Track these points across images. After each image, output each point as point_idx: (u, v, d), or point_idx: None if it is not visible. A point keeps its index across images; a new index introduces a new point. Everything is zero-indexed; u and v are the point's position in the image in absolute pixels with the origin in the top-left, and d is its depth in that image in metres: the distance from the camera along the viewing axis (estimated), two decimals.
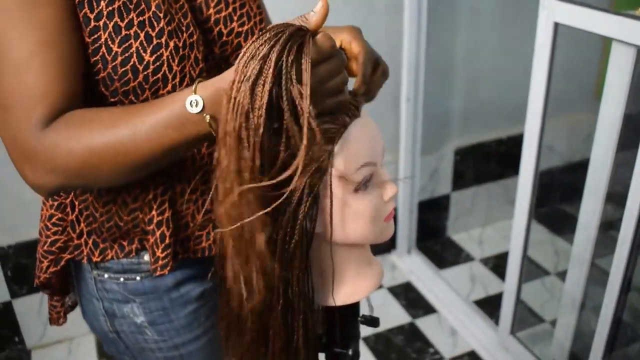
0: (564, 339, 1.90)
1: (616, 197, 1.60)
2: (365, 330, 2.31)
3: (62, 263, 0.98)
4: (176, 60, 0.82)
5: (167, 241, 0.91)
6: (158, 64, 0.81)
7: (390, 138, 2.48)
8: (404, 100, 2.41)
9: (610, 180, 1.60)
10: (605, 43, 2.34)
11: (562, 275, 2.32)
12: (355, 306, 0.87)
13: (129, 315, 1.00)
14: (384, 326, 2.34)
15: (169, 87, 0.83)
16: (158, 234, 0.91)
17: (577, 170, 1.77)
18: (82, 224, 0.95)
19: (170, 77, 0.82)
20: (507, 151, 2.76)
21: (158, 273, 0.92)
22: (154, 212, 0.91)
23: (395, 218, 2.69)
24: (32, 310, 2.22)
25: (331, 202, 0.72)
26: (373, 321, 0.88)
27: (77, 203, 0.94)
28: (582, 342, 1.86)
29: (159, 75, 0.82)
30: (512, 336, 2.10)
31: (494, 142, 2.75)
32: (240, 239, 0.70)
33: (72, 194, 0.94)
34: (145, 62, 0.81)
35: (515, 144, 2.57)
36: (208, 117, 0.70)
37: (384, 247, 2.73)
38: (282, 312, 0.75)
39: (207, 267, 1.01)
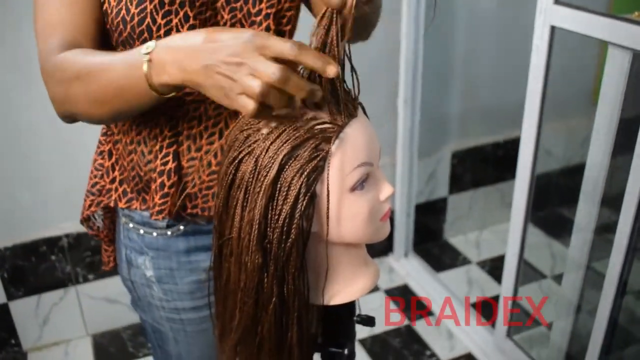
0: (560, 342, 1.91)
1: (612, 200, 1.60)
2: (362, 332, 2.31)
3: (102, 205, 1.08)
4: (160, 14, 0.89)
5: (165, 190, 0.98)
6: (142, 15, 0.89)
7: (388, 141, 2.48)
8: (402, 103, 2.41)
9: (606, 183, 1.61)
10: (602, 47, 2.35)
11: (558, 278, 2.33)
12: (350, 306, 0.87)
13: (141, 267, 1.07)
14: (381, 329, 2.35)
15: (155, 38, 0.87)
16: (159, 181, 0.98)
17: (574, 173, 1.77)
18: (116, 172, 1.06)
19: (154, 29, 0.91)
20: (505, 155, 2.76)
21: (153, 218, 0.99)
22: (158, 162, 0.98)
23: (392, 221, 2.70)
24: (28, 312, 2.22)
25: (328, 202, 0.72)
26: (369, 321, 0.88)
27: (114, 151, 1.06)
28: (578, 345, 1.86)
29: (143, 26, 0.90)
30: (508, 339, 2.10)
31: (491, 146, 2.75)
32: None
33: (111, 142, 1.05)
34: (131, 14, 0.89)
35: (512, 147, 2.58)
36: (147, 57, 0.75)
37: (382, 250, 2.73)
38: (276, 311, 0.75)
39: None
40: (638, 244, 1.54)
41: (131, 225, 1.06)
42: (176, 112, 0.97)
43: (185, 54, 0.72)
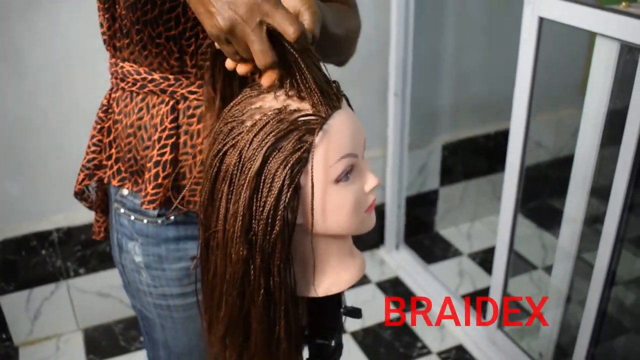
0: (551, 333, 1.92)
1: (602, 191, 1.61)
2: (354, 325, 2.32)
3: (96, 178, 1.10)
4: None
5: (159, 181, 0.99)
6: None
7: (379, 133, 2.48)
8: (392, 96, 2.41)
9: (595, 174, 1.61)
10: (591, 37, 2.35)
11: (549, 269, 2.34)
12: (337, 297, 0.87)
13: (130, 252, 1.09)
14: (372, 321, 2.35)
15: None
16: (153, 172, 0.99)
17: (564, 165, 1.78)
18: (113, 149, 1.06)
19: None
20: (496, 146, 2.77)
21: (144, 207, 0.99)
22: (155, 152, 0.98)
23: (383, 213, 2.70)
24: (19, 306, 2.21)
25: (312, 193, 0.72)
26: (355, 312, 0.88)
27: (112, 129, 1.06)
28: (568, 336, 1.87)
29: None
30: (499, 330, 2.11)
31: (482, 137, 2.76)
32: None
33: (111, 120, 1.05)
34: None
35: (503, 139, 2.57)
36: None
37: (373, 242, 2.74)
38: (263, 304, 0.75)
39: None
40: (626, 234, 1.55)
41: (122, 210, 1.08)
42: (177, 105, 0.98)
43: None
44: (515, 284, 2.38)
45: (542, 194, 2.93)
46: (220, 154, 0.73)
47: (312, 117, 0.71)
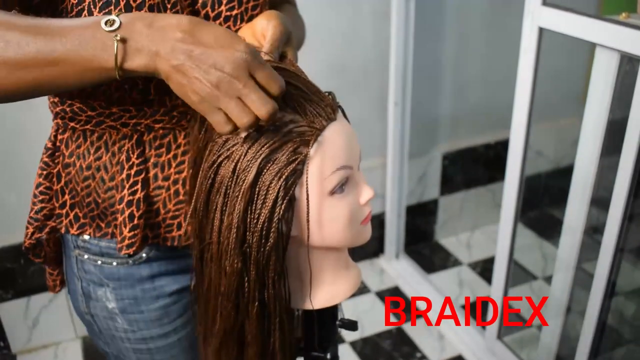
0: (550, 343, 1.91)
1: (602, 201, 1.60)
2: (352, 335, 2.31)
3: (47, 230, 1.00)
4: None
5: (135, 222, 0.91)
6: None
7: (378, 142, 2.48)
8: (392, 105, 2.41)
9: (595, 184, 1.61)
10: (592, 47, 2.35)
11: (549, 279, 2.33)
12: (333, 310, 0.86)
13: (101, 299, 1.01)
14: (371, 330, 2.34)
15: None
16: (127, 213, 0.91)
17: (565, 174, 1.77)
18: (66, 195, 0.97)
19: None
20: (495, 156, 2.76)
21: (124, 252, 0.92)
22: (125, 192, 0.91)
23: (383, 222, 2.69)
24: (17, 314, 2.21)
25: (307, 205, 0.72)
26: (351, 325, 0.87)
27: (63, 174, 0.96)
28: (568, 346, 1.86)
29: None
30: (499, 340, 2.10)
31: (482, 147, 2.75)
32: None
33: (60, 164, 0.96)
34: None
35: (503, 148, 2.58)
36: (118, 36, 0.67)
37: (372, 251, 2.73)
38: (258, 316, 0.75)
39: (185, 264, 1.01)
40: (626, 244, 1.54)
41: (86, 256, 0.99)
42: (143, 137, 0.91)
43: (162, 43, 0.67)
44: (515, 294, 2.38)
45: (542, 203, 2.93)
46: (215, 165, 0.73)
47: (307, 129, 0.71)
